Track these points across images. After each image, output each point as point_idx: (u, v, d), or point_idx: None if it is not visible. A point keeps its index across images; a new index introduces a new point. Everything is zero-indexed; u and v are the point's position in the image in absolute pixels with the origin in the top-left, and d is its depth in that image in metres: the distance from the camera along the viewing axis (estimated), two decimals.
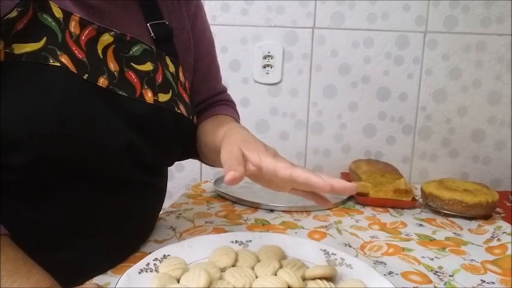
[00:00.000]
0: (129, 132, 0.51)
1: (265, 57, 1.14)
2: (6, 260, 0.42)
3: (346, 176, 1.06)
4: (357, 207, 0.90)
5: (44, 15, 0.45)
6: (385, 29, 1.11)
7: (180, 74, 0.60)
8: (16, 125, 0.42)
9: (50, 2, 0.45)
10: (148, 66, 0.54)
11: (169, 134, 0.57)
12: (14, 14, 0.42)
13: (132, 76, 0.52)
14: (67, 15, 0.46)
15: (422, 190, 0.90)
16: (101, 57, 0.49)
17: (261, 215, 0.82)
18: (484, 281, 0.57)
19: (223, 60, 1.14)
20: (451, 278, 0.58)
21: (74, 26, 0.47)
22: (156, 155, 0.56)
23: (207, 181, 1.08)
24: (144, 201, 0.60)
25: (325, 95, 1.16)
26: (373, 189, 0.92)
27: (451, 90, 1.14)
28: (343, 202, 0.92)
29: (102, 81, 0.49)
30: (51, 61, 0.44)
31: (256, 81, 1.16)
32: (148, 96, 0.53)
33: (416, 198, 0.93)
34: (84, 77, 0.47)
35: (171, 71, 0.58)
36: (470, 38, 1.11)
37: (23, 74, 0.42)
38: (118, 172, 0.53)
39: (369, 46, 1.12)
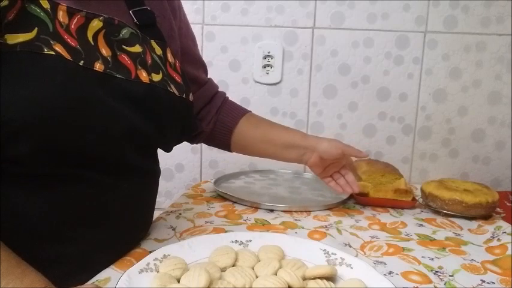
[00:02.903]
0: (129, 114, 0.52)
1: (265, 57, 1.14)
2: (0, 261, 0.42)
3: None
4: (357, 207, 0.90)
5: (32, 6, 0.45)
6: (385, 29, 1.12)
7: (169, 55, 0.61)
8: (18, 115, 0.42)
9: None
10: (137, 48, 0.55)
11: (166, 113, 0.57)
12: (5, 2, 0.42)
13: (125, 59, 0.53)
14: (54, 5, 0.46)
15: (422, 190, 0.90)
16: (92, 43, 0.50)
17: (261, 215, 0.82)
18: (484, 281, 0.57)
19: (223, 60, 1.15)
20: (451, 278, 0.58)
21: (62, 16, 0.47)
22: (156, 136, 0.57)
23: (207, 181, 1.08)
24: (143, 188, 0.60)
25: (325, 95, 1.16)
26: (373, 189, 0.92)
27: (451, 90, 1.14)
28: (343, 202, 0.92)
29: (99, 66, 0.49)
30: (45, 50, 0.44)
31: (256, 81, 1.16)
32: (144, 76, 0.54)
33: (417, 198, 0.93)
34: (80, 64, 0.47)
35: (158, 53, 0.59)
36: (470, 38, 1.11)
37: (19, 64, 0.43)
38: (120, 157, 0.53)
39: (369, 46, 1.13)
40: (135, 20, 0.58)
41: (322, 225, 0.77)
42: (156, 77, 0.56)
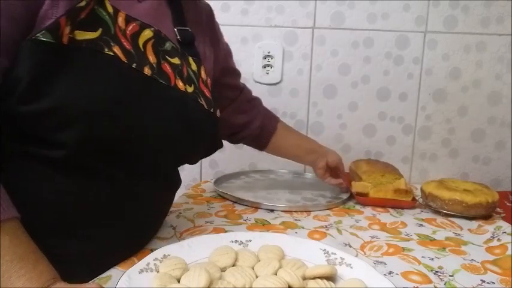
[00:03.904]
0: (168, 118, 0.56)
1: (265, 57, 1.14)
2: (18, 243, 0.43)
3: (346, 176, 1.06)
4: (357, 207, 0.90)
5: (100, 9, 0.50)
6: (385, 29, 1.12)
7: (202, 72, 0.66)
8: (75, 103, 0.46)
9: None
10: (177, 61, 0.60)
11: (196, 122, 0.61)
12: (83, 3, 0.47)
13: (167, 67, 0.58)
14: (116, 11, 0.52)
15: (422, 190, 0.90)
16: (142, 50, 0.55)
17: (261, 215, 0.82)
18: (484, 281, 0.57)
19: None
20: (451, 278, 0.58)
21: (121, 21, 0.53)
22: (187, 143, 0.61)
23: (207, 181, 1.08)
24: (162, 196, 0.64)
25: (325, 95, 1.16)
26: (373, 189, 0.92)
27: (451, 90, 1.14)
28: (343, 202, 0.92)
29: (147, 70, 0.54)
30: (105, 50, 0.49)
31: (256, 81, 1.16)
32: (180, 85, 0.59)
33: (417, 198, 0.93)
34: (133, 66, 0.52)
35: (193, 69, 0.64)
36: (470, 38, 1.11)
37: (82, 59, 0.47)
38: (156, 159, 0.57)
39: (369, 46, 1.13)
40: (178, 37, 0.63)
41: (322, 225, 0.77)
42: (189, 89, 0.61)
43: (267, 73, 1.15)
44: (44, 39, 0.44)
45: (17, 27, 0.45)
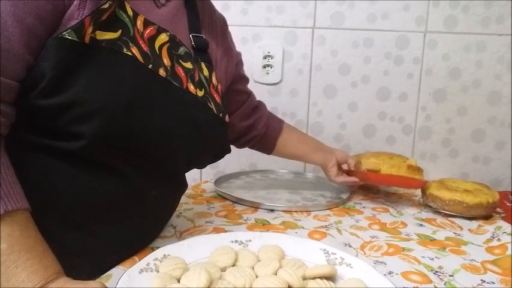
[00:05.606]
0: (181, 118, 0.58)
1: (265, 57, 1.14)
2: (27, 235, 0.44)
3: (355, 172, 1.05)
4: (357, 207, 0.90)
5: (120, 11, 0.52)
6: (385, 29, 1.12)
7: (213, 78, 0.68)
8: (92, 99, 0.47)
9: (125, 1, 0.53)
10: (189, 65, 0.62)
11: (205, 126, 0.62)
12: (106, 5, 0.49)
13: (180, 71, 0.60)
14: (135, 14, 0.54)
15: (422, 190, 0.90)
16: (158, 53, 0.57)
17: (261, 215, 0.82)
18: (484, 281, 0.57)
19: None
20: (451, 278, 0.58)
21: (139, 24, 0.55)
22: (197, 147, 0.62)
23: (207, 181, 1.08)
24: (173, 198, 0.66)
25: (325, 95, 1.16)
26: (385, 165, 0.90)
27: (451, 90, 1.14)
28: (343, 202, 0.92)
29: (162, 72, 0.56)
30: (124, 50, 0.51)
31: (256, 81, 1.16)
32: (192, 88, 0.61)
33: (416, 199, 0.93)
34: (149, 67, 0.54)
35: (205, 74, 0.66)
36: (470, 38, 1.11)
37: (102, 57, 0.49)
38: (166, 160, 0.58)
39: (369, 46, 1.13)
40: (193, 43, 0.65)
41: (322, 225, 0.77)
42: (200, 93, 0.63)
43: (267, 73, 1.15)
44: (69, 38, 0.46)
45: (44, 25, 0.46)
